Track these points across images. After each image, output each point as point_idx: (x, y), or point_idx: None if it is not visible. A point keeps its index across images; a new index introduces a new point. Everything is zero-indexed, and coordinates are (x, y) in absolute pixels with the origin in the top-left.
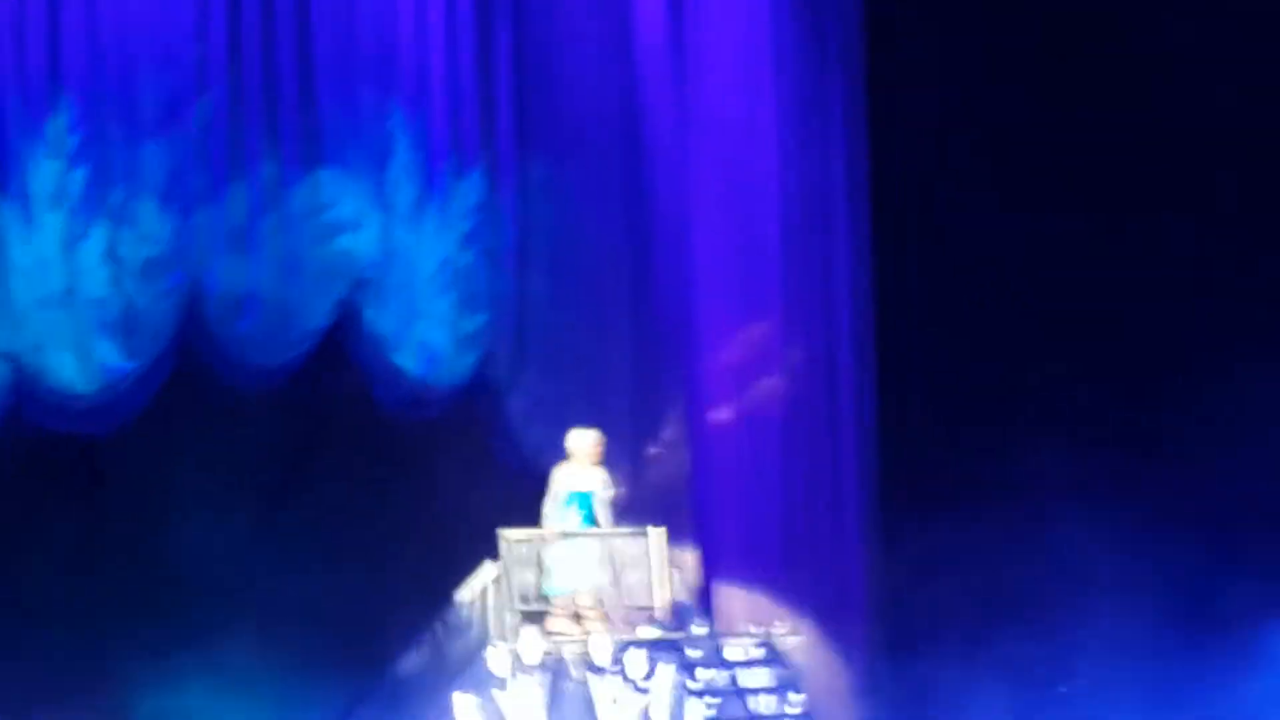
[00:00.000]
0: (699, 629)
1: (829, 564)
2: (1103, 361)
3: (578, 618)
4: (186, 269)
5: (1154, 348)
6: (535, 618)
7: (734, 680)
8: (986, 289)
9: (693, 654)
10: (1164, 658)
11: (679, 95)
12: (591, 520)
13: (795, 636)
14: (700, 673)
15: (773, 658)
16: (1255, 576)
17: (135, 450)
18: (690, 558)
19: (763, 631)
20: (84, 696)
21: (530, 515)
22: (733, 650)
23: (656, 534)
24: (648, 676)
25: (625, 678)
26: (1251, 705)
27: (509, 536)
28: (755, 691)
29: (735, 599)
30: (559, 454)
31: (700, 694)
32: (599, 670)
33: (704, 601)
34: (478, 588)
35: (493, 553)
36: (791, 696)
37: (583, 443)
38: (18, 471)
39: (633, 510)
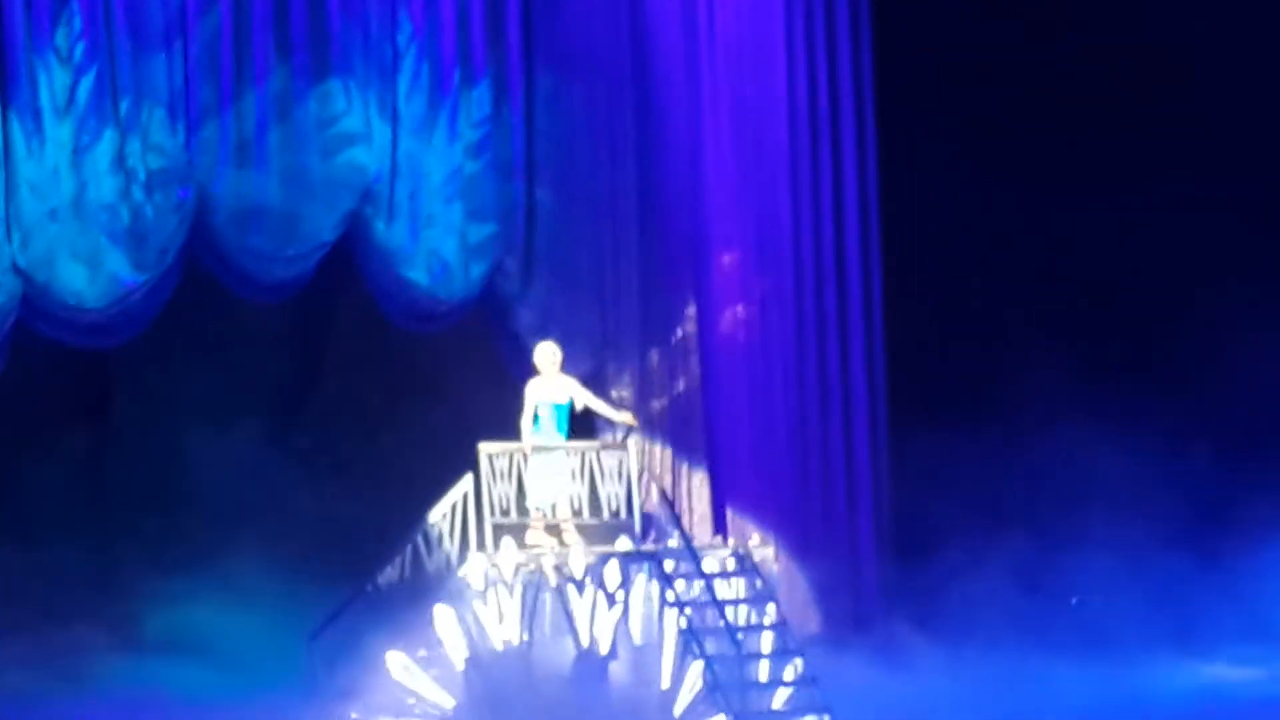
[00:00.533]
0: (673, 542)
1: (839, 473)
2: (1111, 278)
3: (555, 530)
4: (195, 182)
5: (1160, 265)
6: (513, 530)
7: (709, 591)
8: (995, 201)
9: (669, 566)
10: (1174, 570)
11: (686, 6)
12: (567, 430)
13: (767, 548)
14: (676, 584)
15: (747, 569)
16: (1264, 488)
17: (144, 363)
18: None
19: (736, 544)
20: (93, 609)
21: None
22: (708, 562)
23: (631, 446)
24: (623, 588)
25: (601, 589)
26: (1263, 616)
27: (487, 450)
28: (731, 603)
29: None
30: (569, 366)
31: (676, 605)
32: (576, 582)
33: (718, 516)
34: (454, 501)
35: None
36: (766, 608)
37: (548, 354)
38: (28, 385)
39: (644, 422)
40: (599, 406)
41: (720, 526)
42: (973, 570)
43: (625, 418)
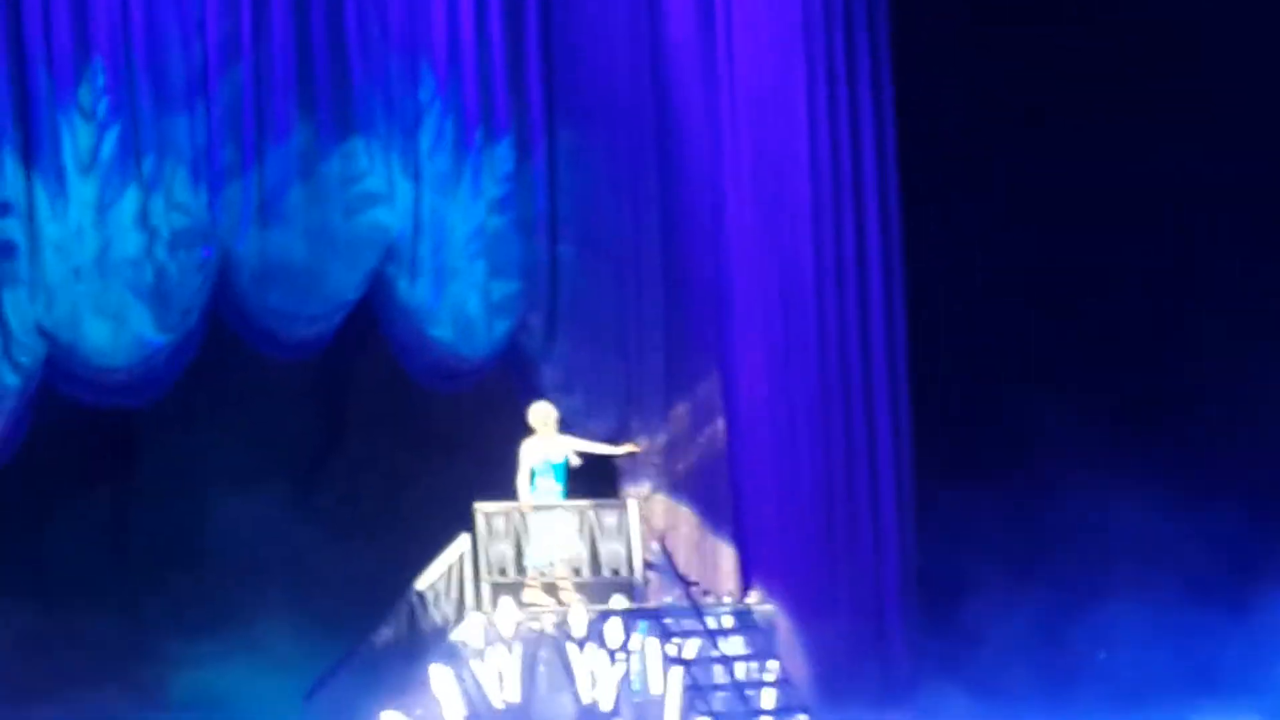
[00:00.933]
0: (675, 598)
1: (865, 528)
2: (1140, 327)
3: (553, 589)
4: (218, 241)
5: (1189, 315)
6: (510, 589)
7: (712, 648)
8: (1020, 250)
9: (670, 623)
10: (1203, 622)
11: (708, 63)
12: (565, 489)
13: (768, 605)
14: (678, 641)
15: (748, 625)
16: None
17: (168, 423)
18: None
19: (738, 600)
20: (118, 671)
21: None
22: (709, 619)
23: (633, 505)
24: (624, 646)
25: (602, 647)
26: None
27: (484, 509)
28: (733, 659)
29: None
30: (593, 423)
31: (679, 661)
32: (576, 640)
33: (744, 571)
34: (450, 562)
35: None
36: (768, 664)
37: (542, 414)
38: (53, 445)
39: (668, 479)
40: (598, 448)
41: (746, 582)
42: (999, 624)
43: (627, 448)
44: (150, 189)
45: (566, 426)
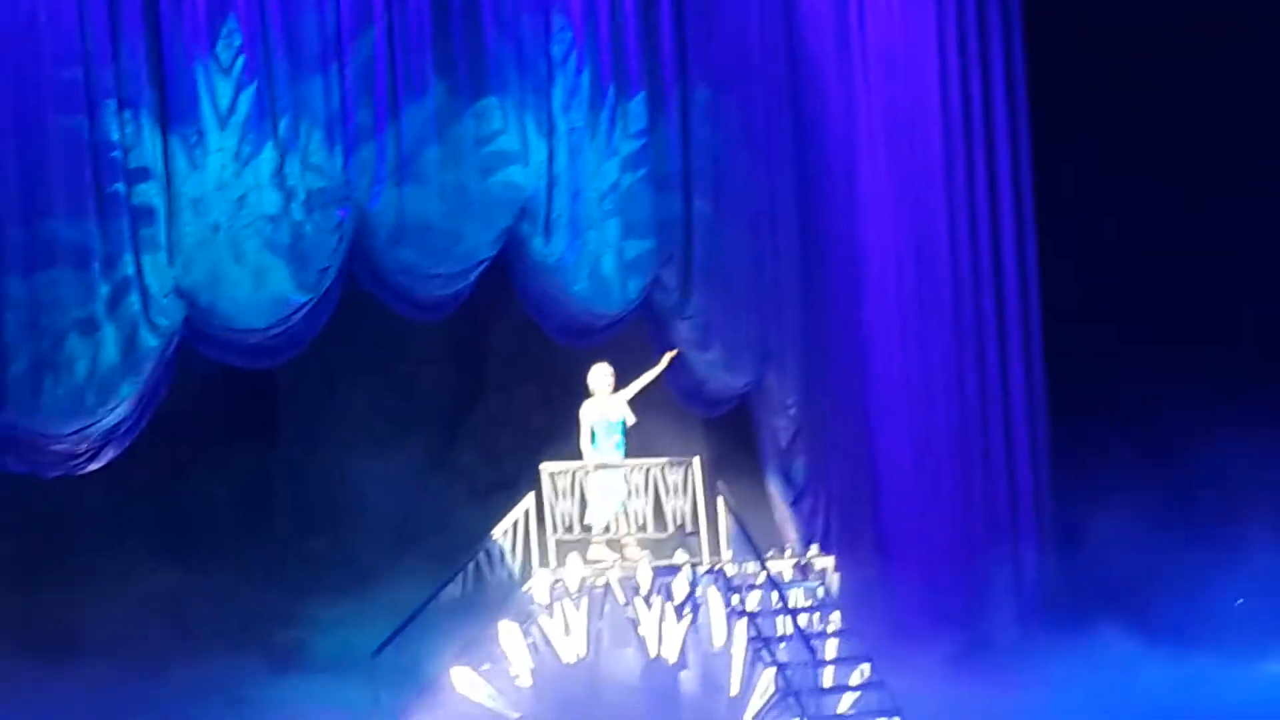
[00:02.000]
0: (738, 552)
1: (1000, 480)
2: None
3: (618, 545)
4: (353, 202)
5: None
6: (576, 546)
7: (774, 600)
8: (1153, 199)
9: (734, 576)
10: None
11: (840, 16)
12: (624, 447)
13: (827, 558)
14: (741, 594)
15: (810, 578)
16: None
17: (307, 384)
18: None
19: (799, 553)
20: (260, 635)
21: (696, 442)
22: (772, 571)
23: (696, 462)
24: (689, 599)
25: (668, 601)
26: None
27: (549, 469)
28: (795, 611)
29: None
30: (731, 377)
31: (743, 614)
32: (642, 595)
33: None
34: (515, 520)
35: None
36: (831, 615)
37: (600, 377)
38: (193, 407)
39: (807, 433)
40: (644, 379)
41: (882, 536)
42: (1134, 574)
43: (665, 359)
44: (286, 150)
45: (704, 381)
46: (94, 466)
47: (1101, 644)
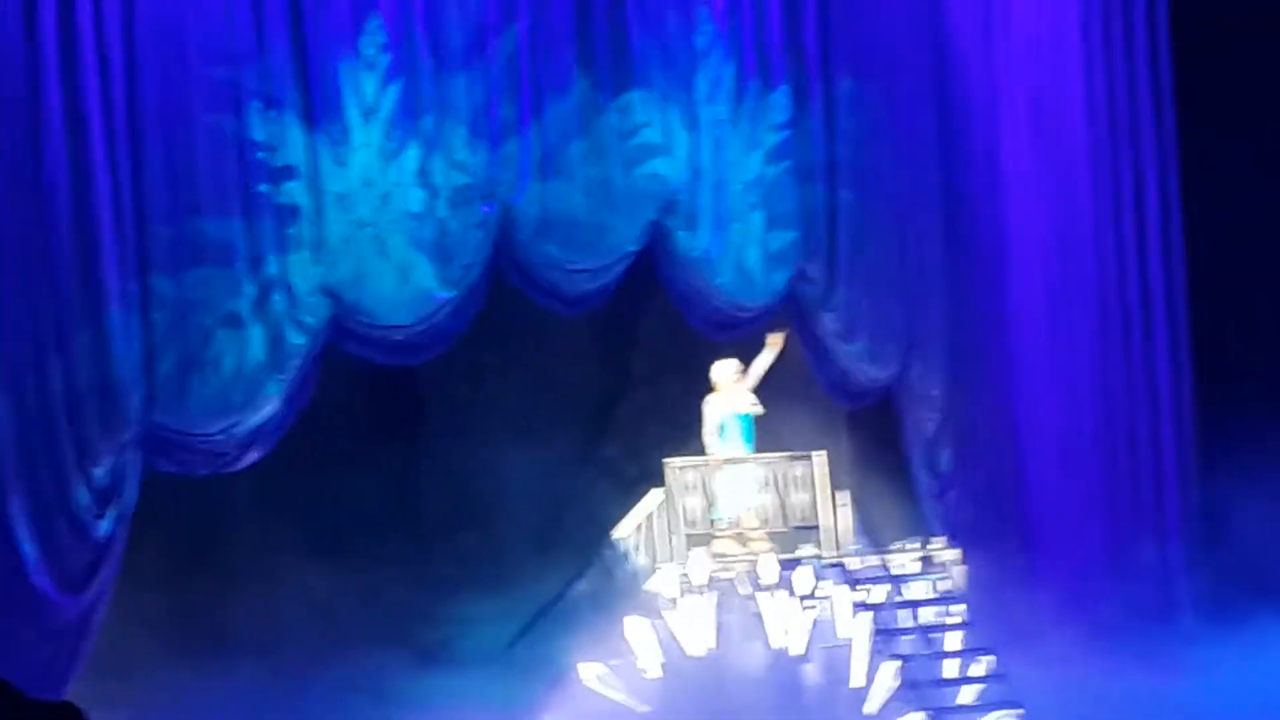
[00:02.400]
0: (861, 545)
1: (1147, 470)
2: None
3: (743, 539)
4: (497, 197)
5: None
6: (702, 541)
7: (897, 593)
8: None
9: (856, 569)
10: None
11: (984, 6)
12: (752, 440)
13: (952, 551)
14: (865, 587)
15: (933, 570)
16: None
17: (454, 380)
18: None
19: (922, 545)
20: (408, 633)
21: (842, 434)
22: (895, 565)
23: (819, 457)
24: (814, 593)
25: (792, 594)
26: None
27: (674, 464)
28: (918, 604)
29: None
30: (875, 369)
31: (865, 607)
32: (766, 589)
33: (1024, 514)
34: (643, 515)
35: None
36: (952, 608)
37: (726, 372)
38: (340, 405)
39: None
40: (763, 363)
41: (1026, 528)
42: None
43: (780, 337)
44: (430, 148)
45: (850, 373)
46: (241, 465)
47: (1257, 636)
